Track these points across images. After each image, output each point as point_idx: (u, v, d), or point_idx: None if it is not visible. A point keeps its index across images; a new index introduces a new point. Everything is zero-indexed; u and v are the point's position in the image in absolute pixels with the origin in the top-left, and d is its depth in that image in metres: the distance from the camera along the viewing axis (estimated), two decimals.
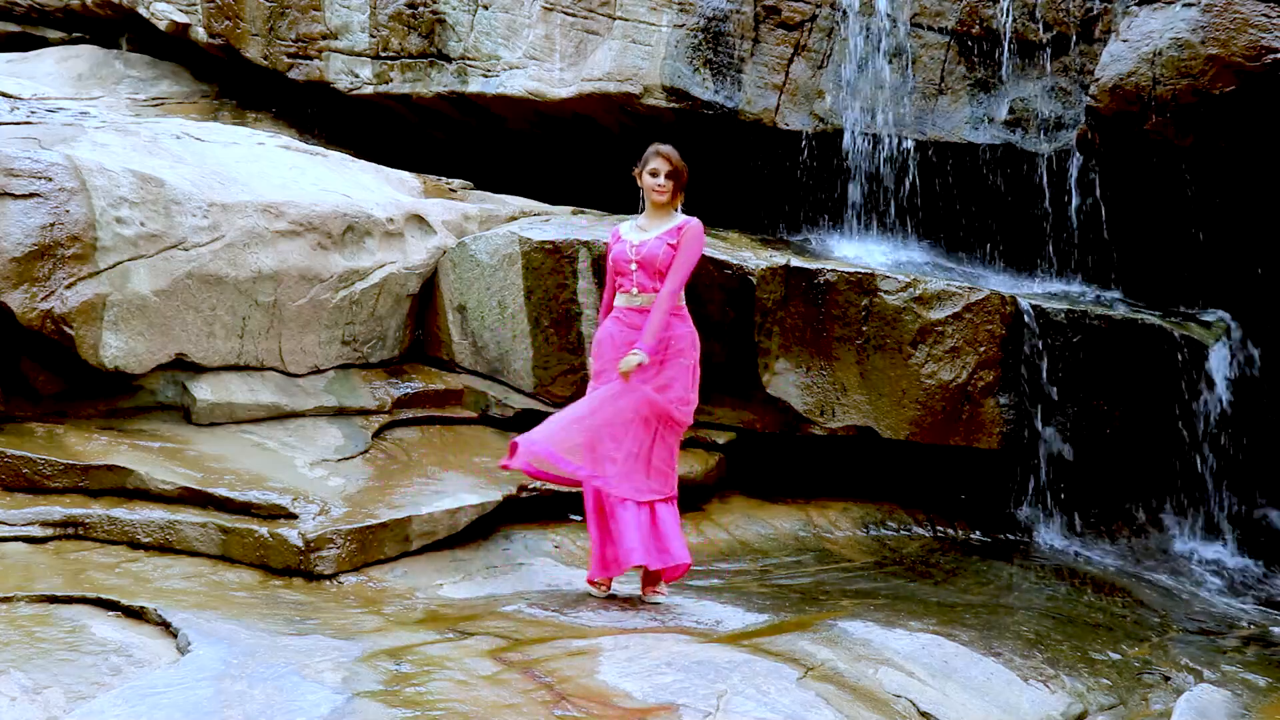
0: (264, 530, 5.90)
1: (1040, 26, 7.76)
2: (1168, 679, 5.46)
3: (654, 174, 5.93)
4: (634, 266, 5.87)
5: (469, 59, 9.20)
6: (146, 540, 5.88)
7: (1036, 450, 7.24)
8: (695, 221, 5.93)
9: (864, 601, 6.00)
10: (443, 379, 7.65)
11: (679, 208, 6.01)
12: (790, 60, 8.29)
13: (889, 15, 8.04)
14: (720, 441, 7.35)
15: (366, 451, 6.87)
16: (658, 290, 5.80)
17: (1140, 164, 7.10)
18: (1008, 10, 7.78)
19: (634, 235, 5.97)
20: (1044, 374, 7.12)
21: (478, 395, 7.55)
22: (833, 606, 5.89)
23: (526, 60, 8.98)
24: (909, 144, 8.03)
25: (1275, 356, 7.48)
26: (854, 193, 8.19)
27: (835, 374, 7.20)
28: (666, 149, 5.98)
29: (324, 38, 9.79)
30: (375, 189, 7.97)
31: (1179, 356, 7.18)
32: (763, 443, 7.38)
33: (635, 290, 5.88)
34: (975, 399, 7.12)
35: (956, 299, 7.07)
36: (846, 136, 8.14)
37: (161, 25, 10.49)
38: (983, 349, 7.08)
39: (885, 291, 7.09)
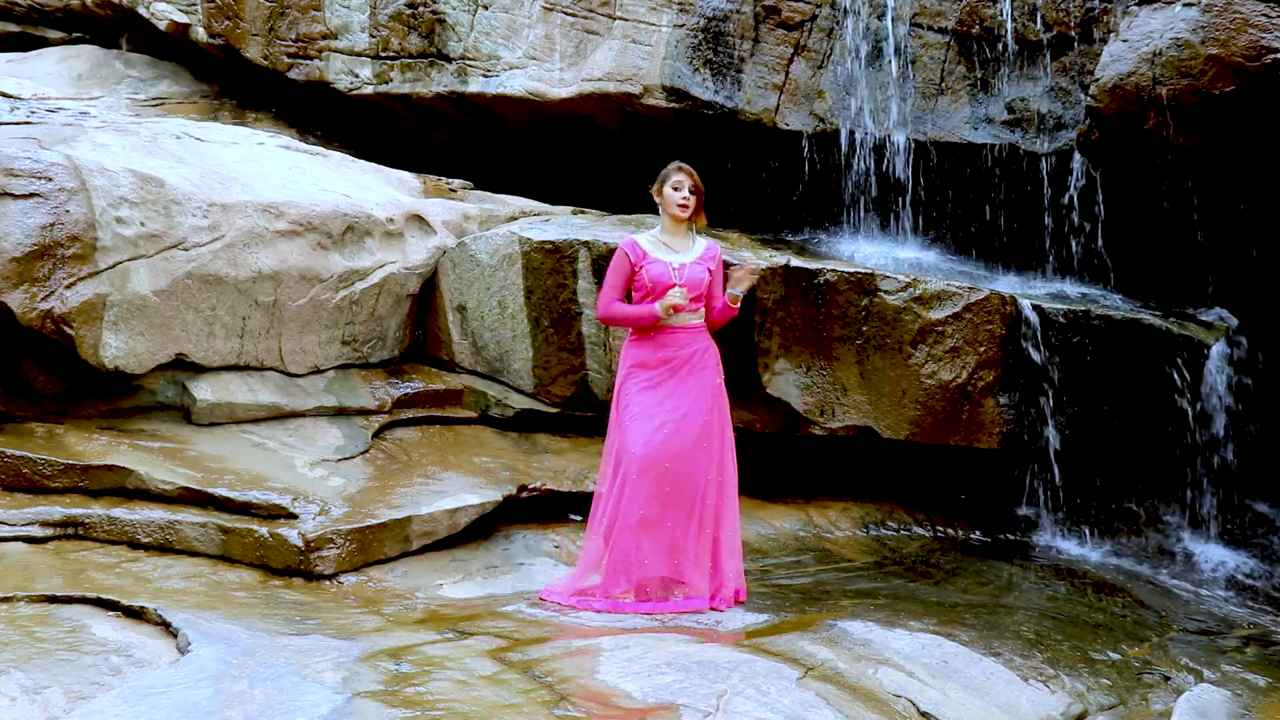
0: (264, 530, 5.91)
1: (1040, 26, 7.76)
2: (1168, 679, 5.46)
3: (677, 188, 5.97)
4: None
5: (469, 59, 9.20)
6: (146, 540, 5.88)
7: (1036, 450, 7.24)
8: (718, 246, 6.16)
9: (864, 601, 6.00)
10: (443, 379, 7.64)
11: (695, 228, 6.11)
12: (790, 60, 8.29)
13: (889, 15, 8.04)
14: None
15: (366, 451, 6.87)
16: (695, 310, 5.95)
17: (1140, 164, 7.09)
18: (1008, 10, 7.78)
19: (667, 255, 5.98)
20: (1044, 374, 7.11)
21: (478, 395, 7.55)
22: (833, 606, 5.89)
23: (526, 60, 8.98)
24: (909, 144, 8.03)
25: (1275, 356, 7.48)
26: (854, 193, 8.19)
27: (835, 374, 7.20)
28: (687, 166, 6.03)
29: (324, 38, 9.79)
30: (375, 189, 7.97)
31: (1179, 356, 7.18)
32: (762, 443, 7.38)
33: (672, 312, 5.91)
34: (975, 399, 7.12)
35: (956, 299, 7.07)
36: (846, 136, 8.14)
37: (161, 25, 10.49)
38: (983, 349, 7.08)
39: (885, 291, 7.09)
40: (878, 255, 7.96)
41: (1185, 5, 6.57)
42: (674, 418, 5.84)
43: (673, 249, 6.01)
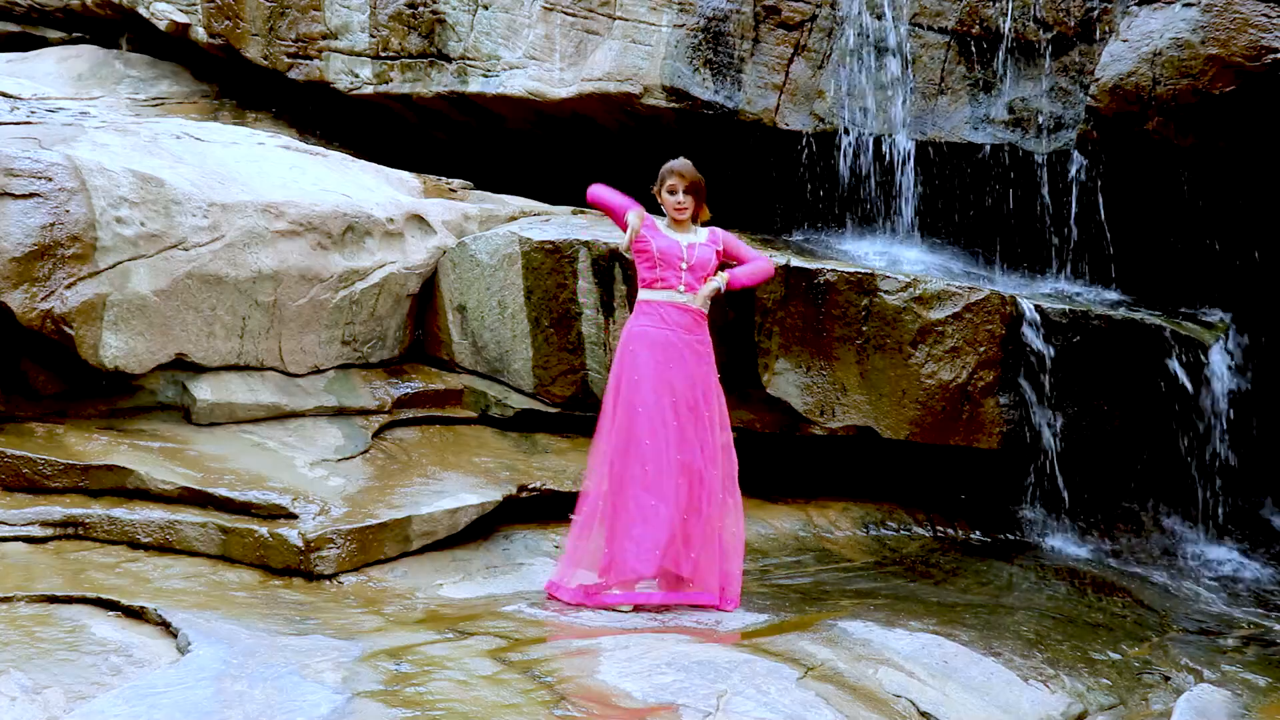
0: (264, 530, 5.90)
1: (1040, 26, 7.76)
2: (1168, 679, 5.46)
3: (672, 191, 5.97)
4: (684, 266, 5.90)
5: (469, 59, 9.20)
6: (146, 540, 5.88)
7: (1036, 450, 7.24)
8: (721, 231, 6.18)
9: (864, 601, 6.00)
10: (443, 379, 7.64)
11: (702, 220, 6.12)
12: (790, 60, 8.29)
13: (889, 15, 8.04)
14: None
15: (366, 451, 6.87)
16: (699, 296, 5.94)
17: (1140, 164, 7.09)
18: (1008, 10, 7.78)
19: (673, 234, 5.98)
20: (1044, 374, 7.11)
21: (478, 395, 7.55)
22: (833, 606, 5.89)
23: (526, 60, 8.98)
24: (909, 144, 8.03)
25: (1275, 356, 7.48)
26: (853, 193, 8.19)
27: (835, 374, 7.20)
28: (680, 165, 5.99)
29: (324, 38, 9.79)
30: (375, 189, 7.97)
31: (1179, 356, 7.17)
32: (762, 443, 7.38)
33: (683, 288, 5.90)
34: (975, 399, 7.12)
35: (956, 299, 7.07)
36: (846, 136, 8.14)
37: (161, 25, 10.49)
38: (983, 349, 7.08)
39: (885, 291, 7.09)
40: (877, 255, 7.96)
41: (1185, 5, 6.57)
42: (683, 410, 5.83)
43: (682, 235, 6.02)
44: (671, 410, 5.81)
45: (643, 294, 5.97)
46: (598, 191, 6.06)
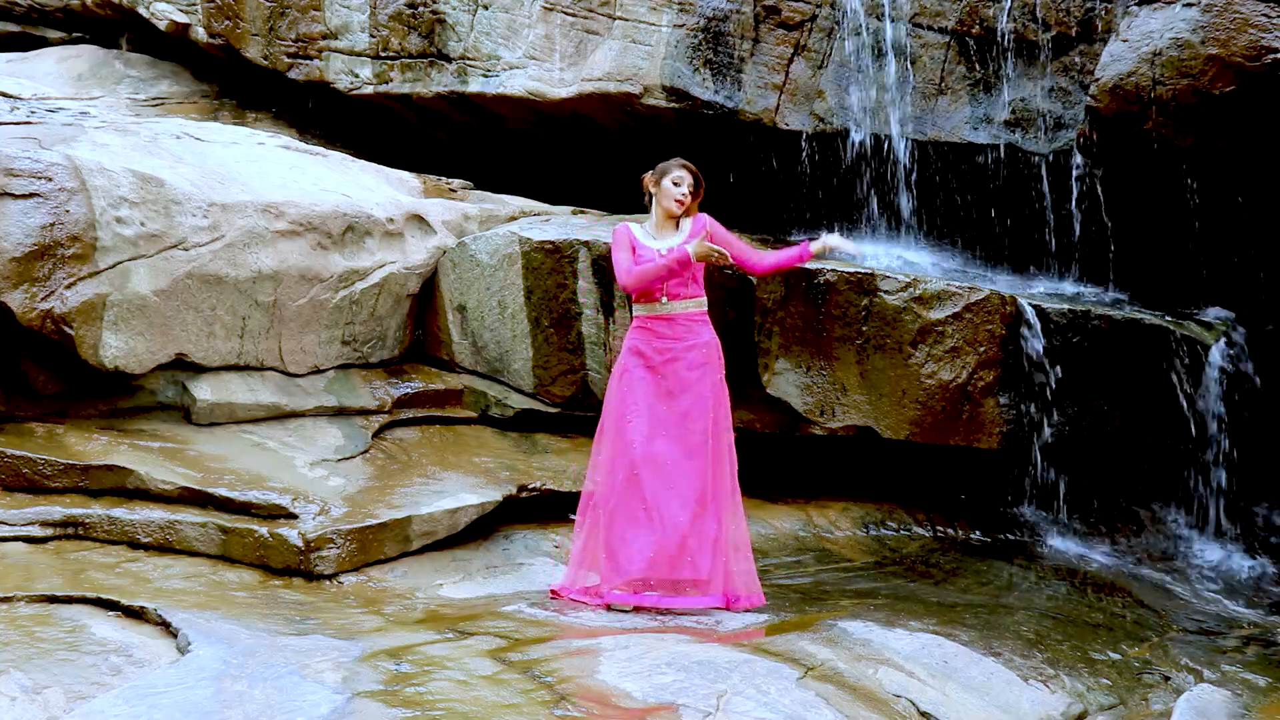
0: (264, 530, 5.91)
1: (1040, 26, 7.76)
2: (1168, 679, 5.46)
3: (677, 183, 5.95)
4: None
5: (469, 59, 9.20)
6: (146, 540, 5.88)
7: (1036, 450, 7.24)
8: (706, 215, 6.05)
9: (864, 601, 6.00)
10: (443, 379, 7.65)
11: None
12: (790, 60, 8.29)
13: (889, 15, 8.04)
14: None
15: (366, 451, 6.87)
16: (693, 296, 5.89)
17: (1140, 164, 7.09)
18: (1008, 10, 7.78)
19: (653, 242, 5.95)
20: (1044, 374, 7.11)
21: (478, 395, 7.55)
22: (833, 606, 5.89)
23: (526, 60, 8.99)
24: (909, 144, 8.03)
25: (1276, 356, 7.48)
26: (853, 193, 8.19)
27: (835, 374, 7.20)
28: (691, 165, 6.02)
29: (324, 38, 9.79)
30: (375, 189, 7.97)
31: (1180, 356, 7.17)
32: (762, 442, 7.38)
33: (665, 299, 5.88)
34: (975, 399, 7.12)
35: (956, 299, 7.07)
36: (846, 137, 8.14)
37: (161, 25, 10.49)
38: (983, 349, 7.08)
39: (885, 291, 7.09)
40: (877, 255, 7.96)
41: (1185, 5, 6.57)
42: (675, 415, 5.83)
43: (661, 238, 5.98)
44: (664, 418, 5.81)
45: (634, 308, 6.03)
46: (642, 273, 5.88)
